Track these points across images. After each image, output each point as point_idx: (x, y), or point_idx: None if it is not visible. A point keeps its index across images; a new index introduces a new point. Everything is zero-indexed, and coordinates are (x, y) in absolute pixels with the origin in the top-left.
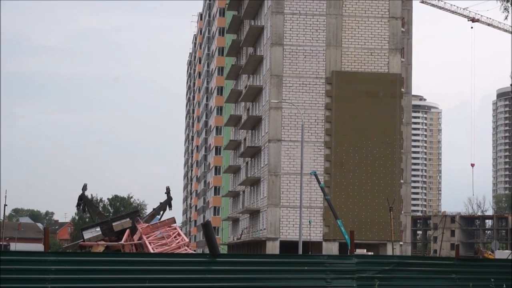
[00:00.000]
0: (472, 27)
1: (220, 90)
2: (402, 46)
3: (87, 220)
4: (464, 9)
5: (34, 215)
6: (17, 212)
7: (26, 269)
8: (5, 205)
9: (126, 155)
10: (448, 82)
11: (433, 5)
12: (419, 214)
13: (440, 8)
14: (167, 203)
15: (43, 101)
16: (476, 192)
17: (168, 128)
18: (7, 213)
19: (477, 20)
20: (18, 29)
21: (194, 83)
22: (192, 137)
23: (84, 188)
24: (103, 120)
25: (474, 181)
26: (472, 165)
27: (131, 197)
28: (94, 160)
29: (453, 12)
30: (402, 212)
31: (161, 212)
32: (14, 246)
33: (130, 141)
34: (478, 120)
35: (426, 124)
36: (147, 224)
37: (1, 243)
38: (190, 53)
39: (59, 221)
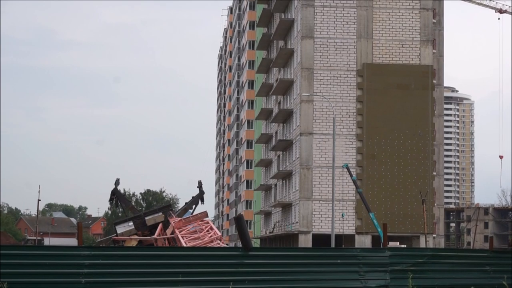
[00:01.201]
0: (499, 18)
1: (251, 84)
2: (434, 37)
3: (120, 214)
4: (490, 0)
5: (68, 210)
6: (51, 207)
7: (60, 263)
8: (39, 200)
9: (158, 150)
10: (479, 73)
11: None
12: (452, 206)
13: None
14: (199, 197)
15: (73, 96)
16: (508, 184)
17: (199, 122)
18: (40, 208)
19: (505, 11)
20: (45, 24)
21: (225, 77)
22: (224, 131)
23: (117, 182)
24: (134, 114)
25: (506, 172)
26: (501, 157)
27: (164, 192)
28: (126, 154)
29: (478, 3)
30: (435, 204)
31: (194, 206)
32: (48, 241)
33: (161, 136)
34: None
35: (458, 116)
36: (180, 218)
37: (35, 238)
38: (220, 47)
39: (92, 215)
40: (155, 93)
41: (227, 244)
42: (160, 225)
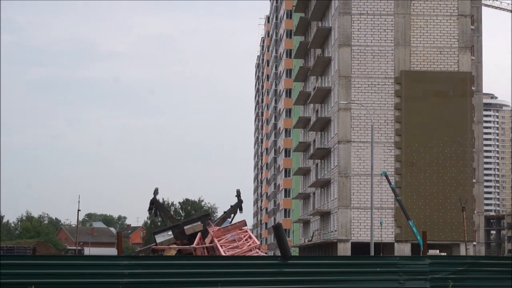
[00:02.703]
0: None
1: (288, 92)
2: (472, 44)
3: (159, 224)
4: None
5: (107, 220)
6: (90, 217)
7: (101, 273)
8: (79, 210)
9: (196, 159)
10: None
11: (486, 5)
12: (492, 213)
13: (495, 7)
14: (237, 206)
15: (112, 106)
16: None
17: (237, 131)
18: (80, 218)
19: None
20: (85, 36)
21: (262, 86)
22: (262, 139)
23: (156, 192)
24: (173, 123)
25: None
26: None
27: (202, 201)
28: (165, 164)
29: (511, 11)
30: (475, 212)
31: (232, 215)
32: (88, 251)
33: (199, 145)
34: None
35: (498, 123)
36: (218, 227)
37: (75, 247)
38: (258, 55)
39: (132, 225)
40: (193, 103)
41: (265, 253)
42: (199, 234)
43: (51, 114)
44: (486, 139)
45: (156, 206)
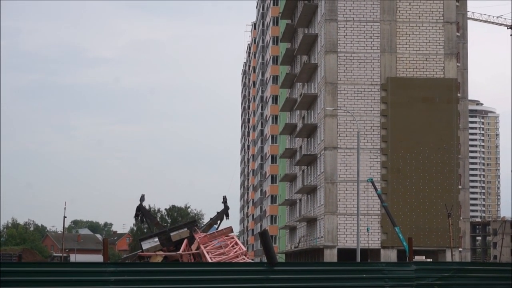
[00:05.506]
0: (511, 35)
1: (275, 99)
2: (458, 50)
3: (145, 230)
4: (497, 17)
5: (93, 227)
6: (77, 223)
7: (86, 280)
8: (65, 217)
9: (182, 165)
10: (504, 86)
11: (470, 18)
12: (478, 219)
13: (471, 18)
14: (224, 213)
15: (100, 113)
16: None
17: (224, 137)
18: (66, 225)
19: None
20: (74, 41)
21: (249, 92)
22: (248, 146)
23: (142, 199)
24: (159, 130)
25: None
26: None
27: (188, 207)
28: (151, 170)
29: (485, 21)
30: (461, 218)
31: (218, 222)
32: (74, 258)
33: (186, 151)
34: None
35: (483, 129)
36: (205, 234)
37: (61, 254)
38: (244, 62)
39: (118, 232)
40: (179, 109)
41: (252, 259)
42: (185, 241)
43: (38, 120)
44: (472, 146)
45: (142, 213)
